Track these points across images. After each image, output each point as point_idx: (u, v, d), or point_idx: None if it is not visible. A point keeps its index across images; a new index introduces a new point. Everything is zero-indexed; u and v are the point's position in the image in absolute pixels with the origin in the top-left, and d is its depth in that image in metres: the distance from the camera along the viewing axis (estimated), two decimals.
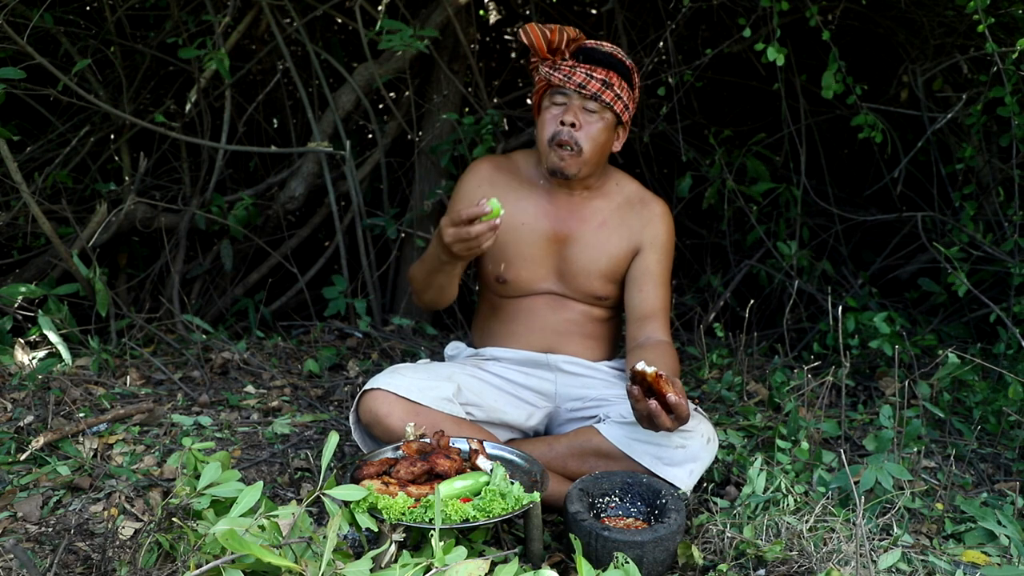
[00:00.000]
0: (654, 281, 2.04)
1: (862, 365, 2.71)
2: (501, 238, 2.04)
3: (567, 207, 2.05)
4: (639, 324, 2.02)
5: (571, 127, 1.92)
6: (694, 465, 1.78)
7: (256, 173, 3.40)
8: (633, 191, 2.10)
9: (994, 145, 2.94)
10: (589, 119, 1.94)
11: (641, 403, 1.64)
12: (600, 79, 1.92)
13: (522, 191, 2.07)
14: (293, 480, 1.95)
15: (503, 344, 2.11)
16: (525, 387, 2.06)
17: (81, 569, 1.52)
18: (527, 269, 2.06)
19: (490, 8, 3.61)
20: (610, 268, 2.05)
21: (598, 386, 2.04)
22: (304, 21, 2.82)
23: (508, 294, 2.11)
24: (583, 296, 2.07)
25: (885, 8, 2.85)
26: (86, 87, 2.81)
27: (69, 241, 2.67)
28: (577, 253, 2.04)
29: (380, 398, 1.80)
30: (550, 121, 1.95)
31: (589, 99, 1.92)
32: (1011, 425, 2.20)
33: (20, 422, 1.99)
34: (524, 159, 2.13)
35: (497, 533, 1.70)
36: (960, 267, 2.48)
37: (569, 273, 2.05)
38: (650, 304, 2.02)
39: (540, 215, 2.05)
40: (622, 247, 2.05)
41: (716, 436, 1.85)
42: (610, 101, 1.93)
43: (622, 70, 1.95)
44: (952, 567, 1.60)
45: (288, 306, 3.21)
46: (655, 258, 2.05)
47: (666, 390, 1.63)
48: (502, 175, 2.09)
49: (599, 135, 1.95)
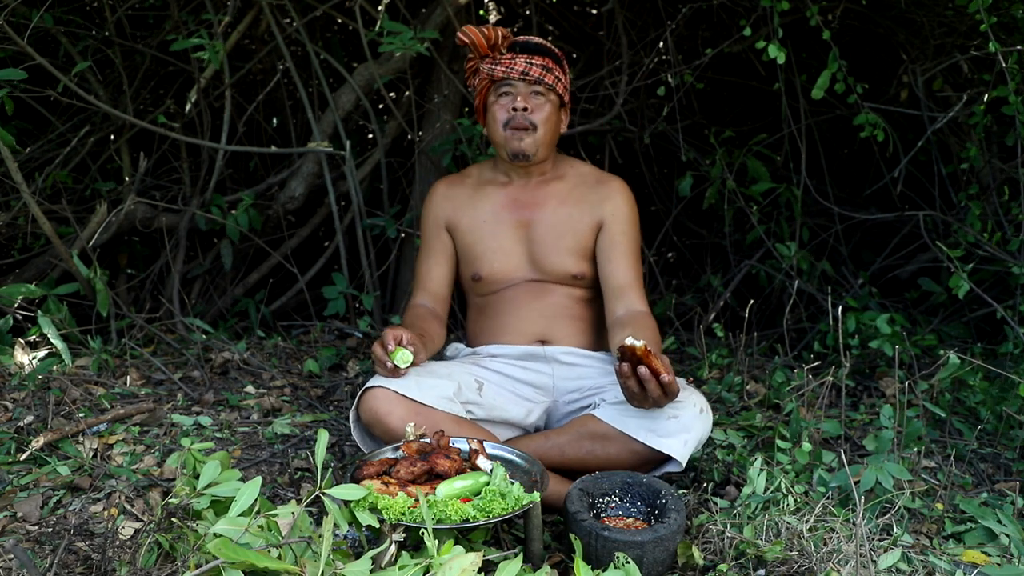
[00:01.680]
0: (622, 251, 2.09)
1: (862, 365, 2.71)
2: (467, 239, 2.17)
3: (526, 195, 2.14)
4: (615, 296, 2.07)
5: (524, 111, 2.03)
6: (688, 436, 1.81)
7: (256, 173, 3.40)
8: (588, 171, 2.20)
9: (995, 145, 2.94)
10: (537, 102, 2.06)
11: (631, 379, 1.69)
12: (540, 65, 2.05)
13: (478, 195, 2.18)
14: (293, 480, 1.94)
15: (496, 341, 2.15)
16: (523, 382, 2.08)
17: (81, 569, 1.52)
18: (499, 261, 2.13)
19: (490, 8, 3.61)
20: (577, 244, 2.11)
21: (594, 375, 2.07)
22: (304, 21, 2.82)
23: (487, 291, 2.17)
24: (559, 277, 2.12)
25: (885, 8, 2.85)
26: (86, 87, 2.81)
27: (69, 241, 2.67)
28: (543, 235, 2.11)
29: (381, 396, 1.80)
30: (501, 111, 2.07)
31: (534, 84, 2.05)
32: (1011, 425, 2.20)
33: (20, 422, 1.99)
34: (477, 169, 2.25)
35: (497, 533, 1.70)
36: (961, 267, 2.48)
37: (540, 255, 2.11)
38: (622, 275, 2.08)
39: (500, 208, 2.14)
40: (584, 221, 2.11)
41: (709, 408, 1.88)
42: (552, 83, 2.05)
43: (555, 56, 2.09)
44: (952, 567, 1.60)
45: (288, 306, 3.21)
46: (619, 229, 2.10)
47: (656, 367, 1.67)
48: (456, 189, 2.22)
49: (550, 115, 2.07)
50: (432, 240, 2.21)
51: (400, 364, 1.82)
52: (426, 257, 2.22)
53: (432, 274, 2.20)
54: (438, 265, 2.21)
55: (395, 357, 1.82)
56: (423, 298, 2.19)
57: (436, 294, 2.19)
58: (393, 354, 1.83)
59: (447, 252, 2.21)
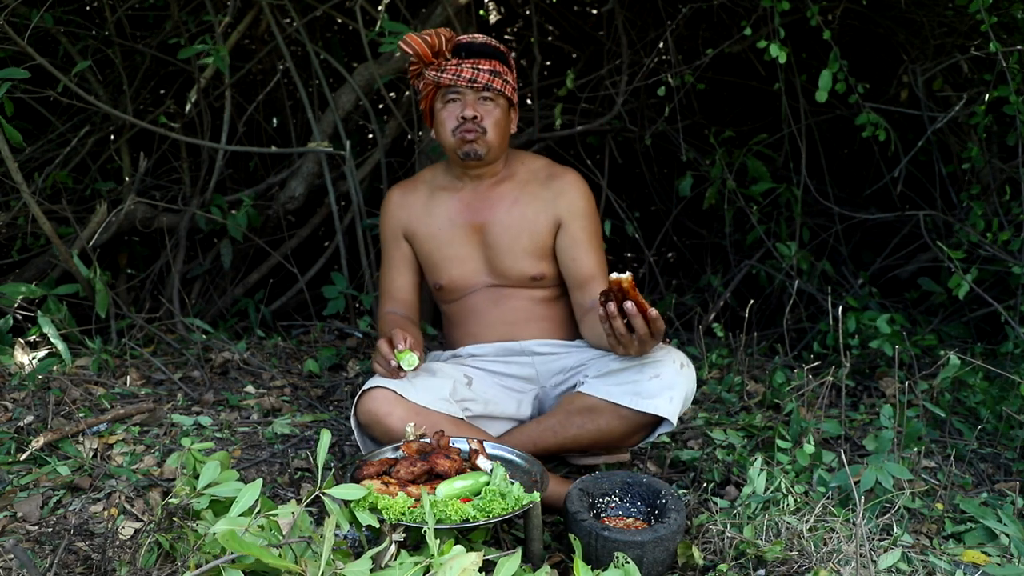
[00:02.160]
0: (583, 247, 2.06)
1: (862, 365, 2.71)
2: (426, 247, 2.14)
3: (477, 198, 2.10)
4: (581, 290, 2.06)
5: (472, 120, 1.99)
6: (672, 392, 1.82)
7: (256, 173, 3.40)
8: (539, 166, 2.14)
9: (995, 144, 2.94)
10: (486, 108, 2.01)
11: (617, 319, 1.70)
12: (487, 70, 1.99)
13: (432, 202, 2.14)
14: (293, 480, 1.95)
15: (470, 342, 2.15)
16: (508, 375, 2.10)
17: (81, 569, 1.52)
18: (457, 268, 2.11)
19: (490, 8, 3.61)
20: (533, 244, 2.07)
21: (574, 355, 2.08)
22: (304, 21, 2.82)
23: (450, 298, 2.17)
24: (519, 280, 2.10)
25: (885, 8, 2.85)
26: (86, 87, 2.81)
27: (69, 241, 2.67)
28: (497, 238, 2.08)
29: (380, 397, 1.80)
30: (449, 118, 2.01)
31: (482, 91, 1.99)
32: (1011, 425, 2.20)
33: (20, 422, 1.99)
34: (430, 172, 2.21)
35: (497, 533, 1.70)
36: (962, 267, 2.48)
37: (496, 260, 2.09)
38: (586, 269, 2.06)
39: (453, 214, 2.11)
40: (539, 221, 2.07)
41: (690, 363, 1.88)
42: (501, 88, 2.00)
43: (501, 56, 2.03)
44: (952, 567, 1.60)
45: (288, 306, 3.21)
46: (578, 225, 2.07)
47: (642, 301, 1.68)
48: (410, 196, 2.17)
49: (500, 119, 2.02)
50: (391, 250, 2.19)
51: (406, 367, 1.81)
52: (388, 268, 2.20)
53: (396, 284, 2.18)
54: (401, 275, 2.18)
55: (402, 358, 1.81)
56: (391, 305, 2.17)
57: (404, 301, 2.18)
58: (401, 355, 1.81)
59: (407, 260, 2.18)
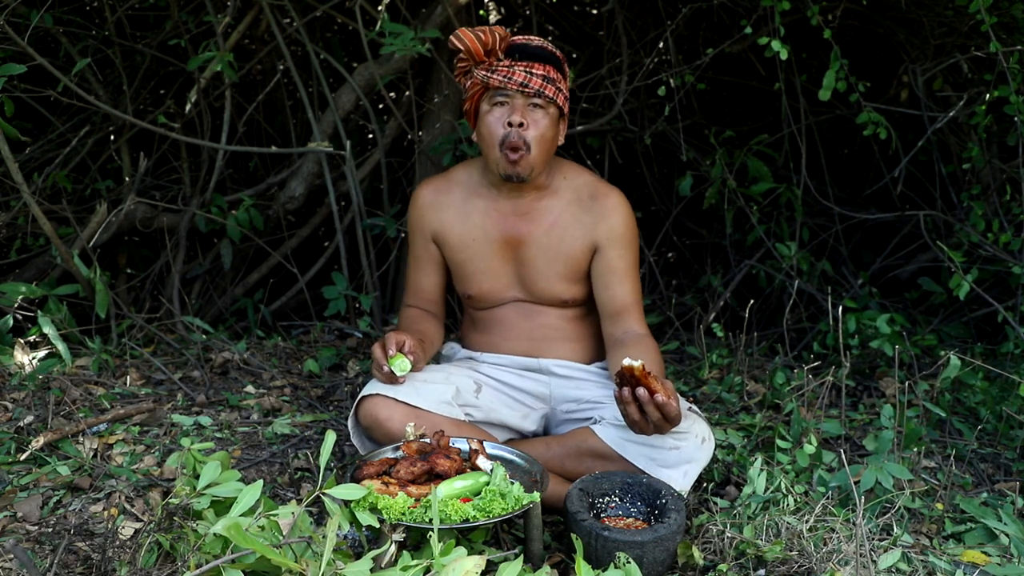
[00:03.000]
0: (619, 277, 1.99)
1: (862, 365, 2.71)
2: (458, 257, 2.06)
3: (516, 211, 2.01)
4: (613, 321, 1.99)
5: (520, 127, 1.87)
6: (689, 466, 1.78)
7: (256, 173, 3.40)
8: (582, 184, 2.03)
9: (995, 144, 2.94)
10: (535, 116, 1.89)
11: (631, 405, 1.62)
12: (540, 75, 1.87)
13: (467, 207, 2.04)
14: (293, 480, 1.95)
15: (490, 351, 2.12)
16: (520, 389, 2.07)
17: (81, 569, 1.52)
18: (488, 282, 2.05)
19: (490, 8, 3.61)
20: (569, 269, 2.01)
21: (592, 388, 2.03)
22: (304, 21, 2.82)
23: (479, 307, 2.12)
24: (550, 301, 2.05)
25: (885, 8, 2.85)
26: (86, 87, 2.80)
27: (69, 241, 2.67)
28: (533, 258, 2.01)
29: (380, 403, 1.80)
30: (495, 124, 1.89)
31: (533, 96, 1.87)
32: (1011, 425, 2.20)
33: (20, 422, 1.99)
34: (465, 172, 2.09)
35: (497, 533, 1.70)
36: (963, 268, 2.47)
37: (529, 279, 2.03)
38: (620, 300, 1.99)
39: (489, 226, 2.02)
40: (576, 246, 1.99)
41: (712, 436, 1.83)
42: (553, 95, 1.88)
43: (556, 62, 1.92)
44: (952, 567, 1.60)
45: (288, 306, 3.21)
46: (616, 254, 1.98)
47: (654, 387, 1.61)
48: (443, 196, 2.07)
49: (547, 131, 1.91)
50: (419, 250, 2.13)
51: (397, 372, 1.80)
52: (415, 267, 2.15)
53: (422, 283, 2.14)
54: (427, 276, 2.13)
55: (394, 363, 1.81)
56: (415, 302, 2.15)
57: (429, 300, 2.15)
58: (392, 360, 1.81)
59: (436, 262, 2.12)
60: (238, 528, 1.24)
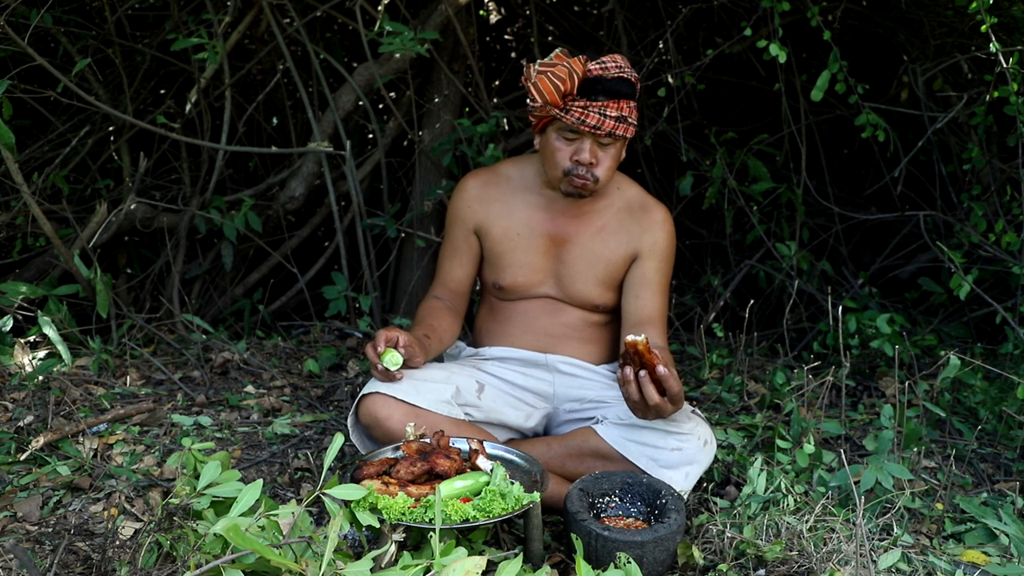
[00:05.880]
0: (651, 289, 2.02)
1: (862, 365, 2.71)
2: (496, 248, 2.07)
3: (565, 210, 2.04)
4: (635, 331, 1.97)
5: (589, 166, 1.88)
6: (690, 468, 1.78)
7: (256, 173, 3.40)
8: (634, 196, 2.07)
9: (995, 145, 2.94)
10: (604, 153, 1.90)
11: (631, 384, 1.63)
12: (614, 116, 1.84)
13: (514, 203, 2.06)
14: (293, 480, 1.95)
15: (500, 344, 2.12)
16: (523, 388, 2.07)
17: (81, 569, 1.52)
18: (524, 275, 2.06)
19: (490, 8, 3.61)
20: (607, 274, 2.04)
21: (596, 388, 2.04)
22: (304, 21, 2.82)
23: (505, 298, 2.12)
24: (580, 302, 2.07)
25: (885, 8, 2.85)
26: (86, 87, 2.80)
27: (69, 241, 2.67)
28: (575, 257, 2.03)
29: (380, 402, 1.80)
30: (562, 156, 1.90)
31: (604, 136, 1.87)
32: (1011, 426, 2.20)
33: (20, 422, 1.99)
34: (515, 168, 2.10)
35: (497, 533, 1.70)
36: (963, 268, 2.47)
37: (567, 278, 2.05)
38: (647, 311, 2.00)
39: (536, 222, 2.04)
40: (619, 252, 2.03)
41: (714, 438, 1.84)
42: (623, 133, 1.87)
43: (631, 95, 1.88)
44: (952, 567, 1.60)
45: (288, 306, 3.21)
46: (653, 265, 2.02)
47: (656, 362, 1.61)
48: (491, 189, 2.08)
49: (613, 163, 1.93)
50: (458, 240, 2.12)
51: (389, 367, 1.80)
52: (450, 256, 2.14)
53: (454, 274, 2.13)
54: (461, 267, 2.13)
55: (384, 359, 1.81)
56: (441, 292, 2.13)
57: (456, 292, 2.14)
58: (383, 356, 1.81)
59: (472, 254, 2.12)
60: (238, 528, 1.24)
